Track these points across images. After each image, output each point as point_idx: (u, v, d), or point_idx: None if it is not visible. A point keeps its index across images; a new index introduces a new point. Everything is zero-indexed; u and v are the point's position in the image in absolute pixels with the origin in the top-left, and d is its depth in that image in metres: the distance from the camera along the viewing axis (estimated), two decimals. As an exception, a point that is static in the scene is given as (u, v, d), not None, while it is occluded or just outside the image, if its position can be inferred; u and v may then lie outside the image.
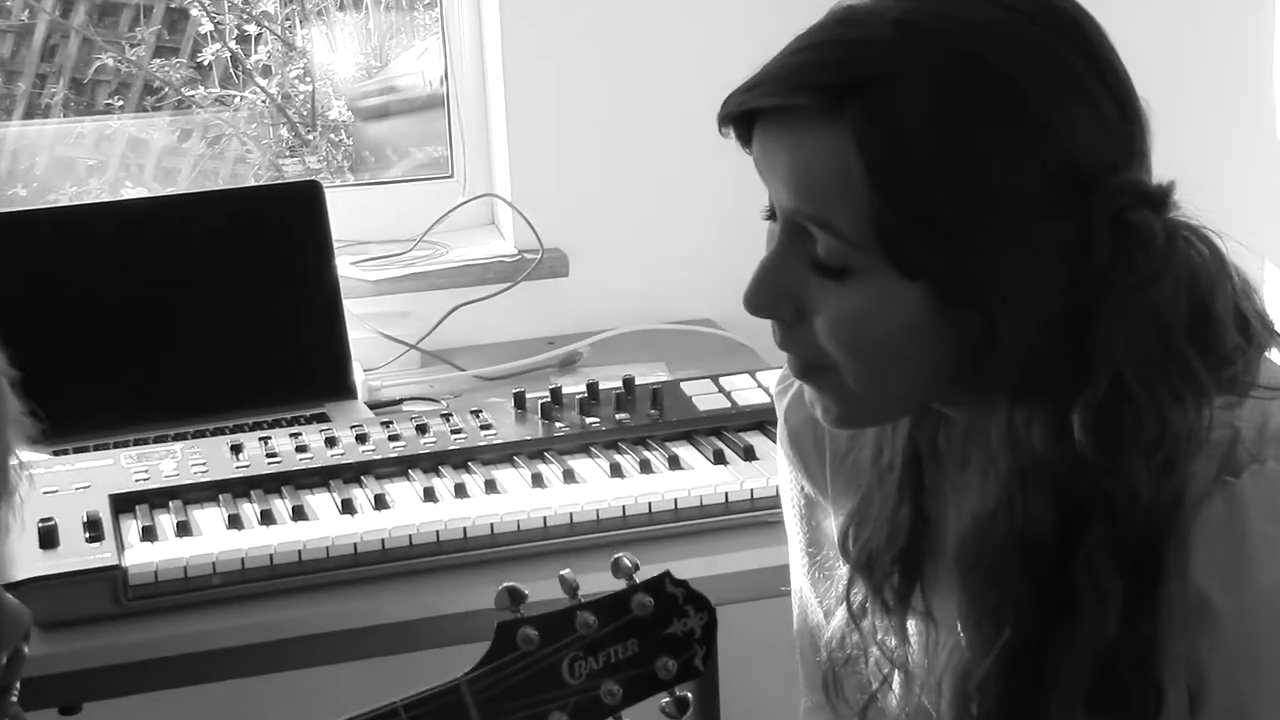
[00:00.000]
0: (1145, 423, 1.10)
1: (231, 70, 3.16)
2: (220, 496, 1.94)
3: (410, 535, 1.85)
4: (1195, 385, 1.11)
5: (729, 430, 2.09)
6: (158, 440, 2.20)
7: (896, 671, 1.32)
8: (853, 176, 1.10)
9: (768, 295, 1.19)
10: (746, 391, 2.17)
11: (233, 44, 3.13)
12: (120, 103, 3.16)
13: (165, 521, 1.89)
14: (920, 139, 1.09)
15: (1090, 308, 1.11)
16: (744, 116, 1.17)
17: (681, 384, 2.20)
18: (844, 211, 1.11)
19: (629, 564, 1.37)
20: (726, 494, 1.93)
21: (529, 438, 2.06)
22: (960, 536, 1.19)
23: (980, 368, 1.14)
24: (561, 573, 1.36)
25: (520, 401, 2.14)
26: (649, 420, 2.10)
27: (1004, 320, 1.11)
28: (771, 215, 1.20)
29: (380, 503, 1.90)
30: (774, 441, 2.03)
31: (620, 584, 1.36)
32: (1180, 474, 1.11)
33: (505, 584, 1.33)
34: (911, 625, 1.31)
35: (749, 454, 2.01)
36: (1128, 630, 1.12)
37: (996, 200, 1.09)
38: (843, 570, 1.34)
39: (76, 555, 1.78)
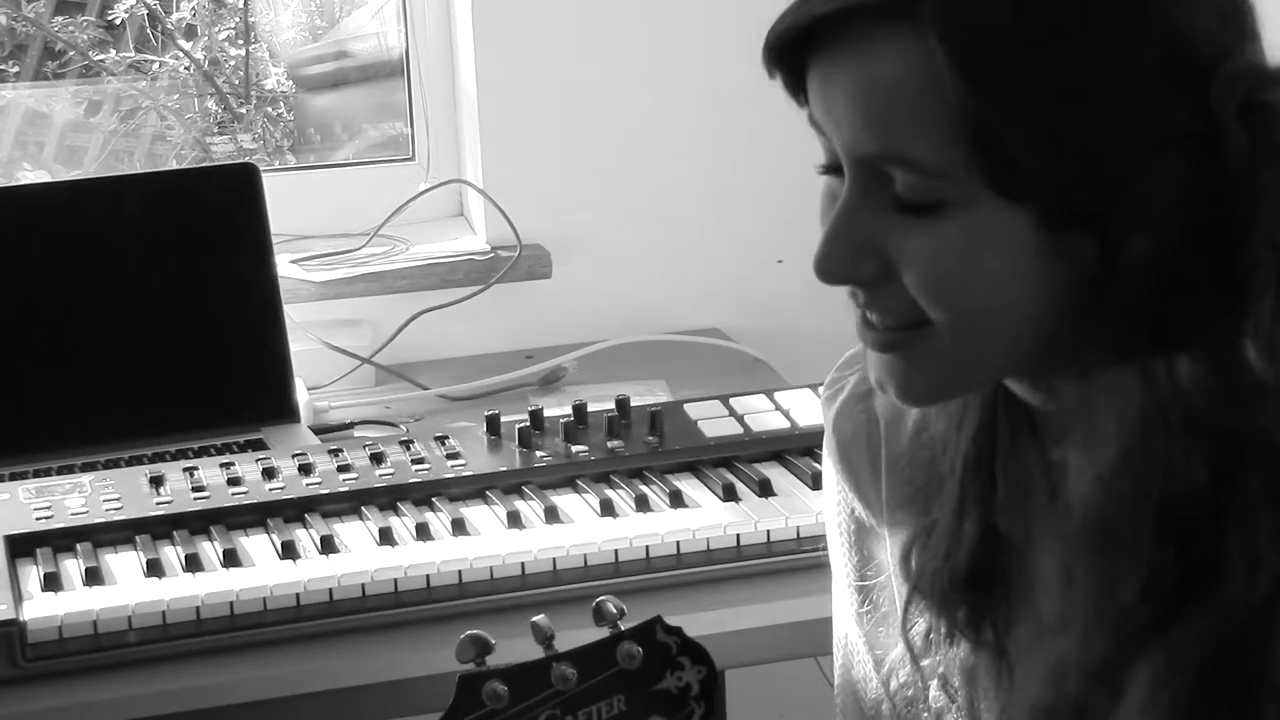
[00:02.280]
0: None
1: (149, 31, 3.18)
2: (137, 538, 1.96)
3: (363, 584, 1.86)
4: None
5: (741, 461, 2.11)
6: (62, 471, 2.22)
7: (960, 717, 1.35)
8: (937, 88, 1.12)
9: (844, 255, 1.19)
10: (762, 415, 2.19)
11: (151, -1, 3.16)
12: (15, 68, 3.18)
13: (71, 567, 1.90)
14: (1003, 27, 1.11)
15: (1233, 212, 1.13)
16: (795, 51, 1.18)
17: (685, 405, 2.22)
18: (927, 137, 1.13)
19: (614, 609, 1.38)
20: (738, 537, 1.95)
21: (504, 469, 2.08)
22: (1083, 504, 1.19)
23: (1100, 307, 1.15)
24: (534, 619, 1.37)
25: (494, 426, 2.16)
26: (646, 449, 2.12)
27: (1128, 237, 1.13)
28: (829, 169, 1.21)
29: (328, 545, 1.92)
30: (794, 475, 2.05)
31: (603, 632, 1.38)
32: None
33: (469, 631, 1.35)
34: (983, 664, 1.32)
35: (765, 489, 2.02)
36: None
37: (1106, 90, 1.12)
38: (899, 596, 1.36)
39: (-34, 607, 1.80)
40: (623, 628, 1.37)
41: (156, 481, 2.06)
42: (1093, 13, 1.12)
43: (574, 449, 2.11)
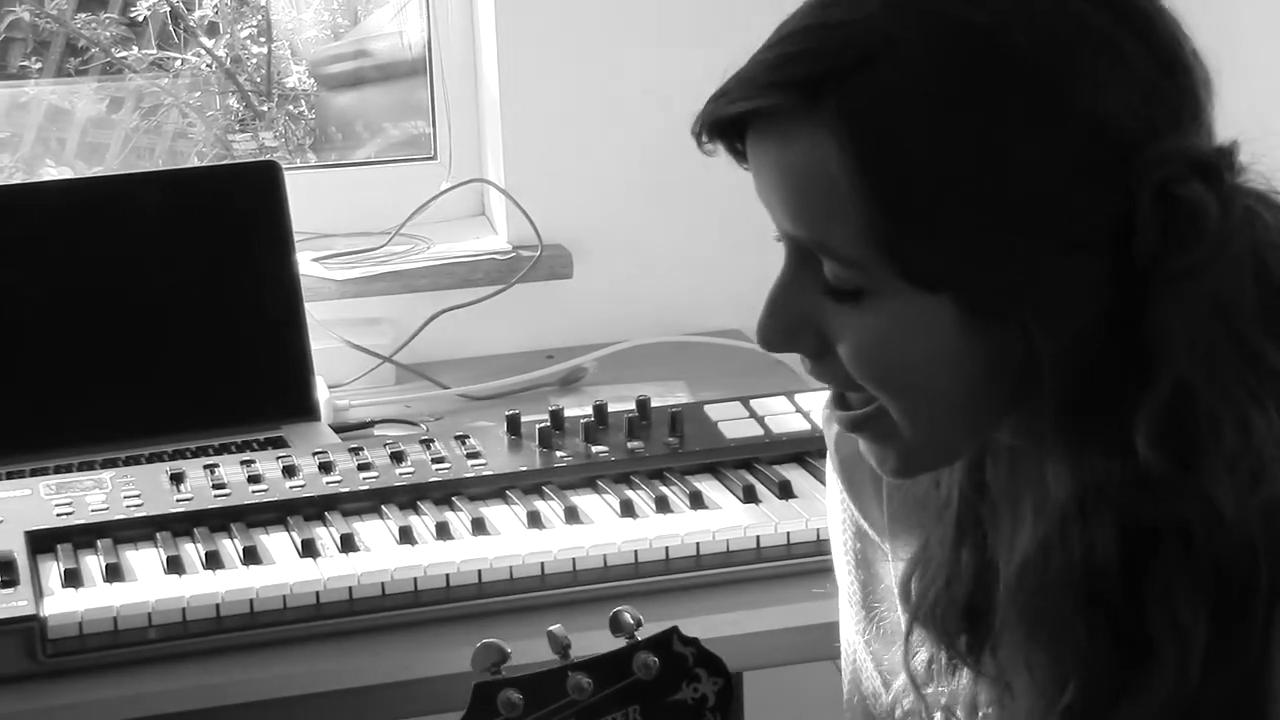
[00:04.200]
0: (1221, 429, 1.12)
1: (171, 28, 3.19)
2: (157, 535, 1.97)
3: (383, 583, 1.87)
4: (1274, 381, 1.13)
5: (762, 463, 2.11)
6: (83, 468, 2.23)
7: None
8: (839, 183, 1.13)
9: (781, 328, 1.21)
10: (783, 417, 2.19)
11: (173, -4, 3.17)
12: (38, 65, 3.19)
13: (92, 564, 1.91)
14: (908, 126, 1.11)
15: (1141, 302, 1.13)
16: (729, 129, 1.20)
17: (705, 407, 2.23)
18: (839, 228, 1.14)
19: (630, 619, 1.39)
20: (758, 538, 1.96)
21: (524, 469, 2.08)
22: (1008, 580, 1.21)
23: (1024, 388, 1.16)
24: (550, 628, 1.38)
25: (514, 426, 2.17)
26: (666, 449, 2.12)
27: (1040, 331, 1.14)
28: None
29: (347, 544, 1.93)
30: (815, 477, 2.06)
31: (620, 642, 1.39)
32: (1271, 485, 1.13)
33: (485, 639, 1.36)
34: (984, 693, 1.33)
35: (785, 491, 2.03)
36: (1216, 675, 1.14)
37: (1011, 189, 1.11)
38: (903, 625, 1.37)
39: (-14, 603, 1.81)
40: (639, 638, 1.38)
41: (177, 479, 2.07)
42: (999, 113, 1.11)
43: (594, 449, 2.12)
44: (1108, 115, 1.12)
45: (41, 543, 1.95)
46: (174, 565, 1.89)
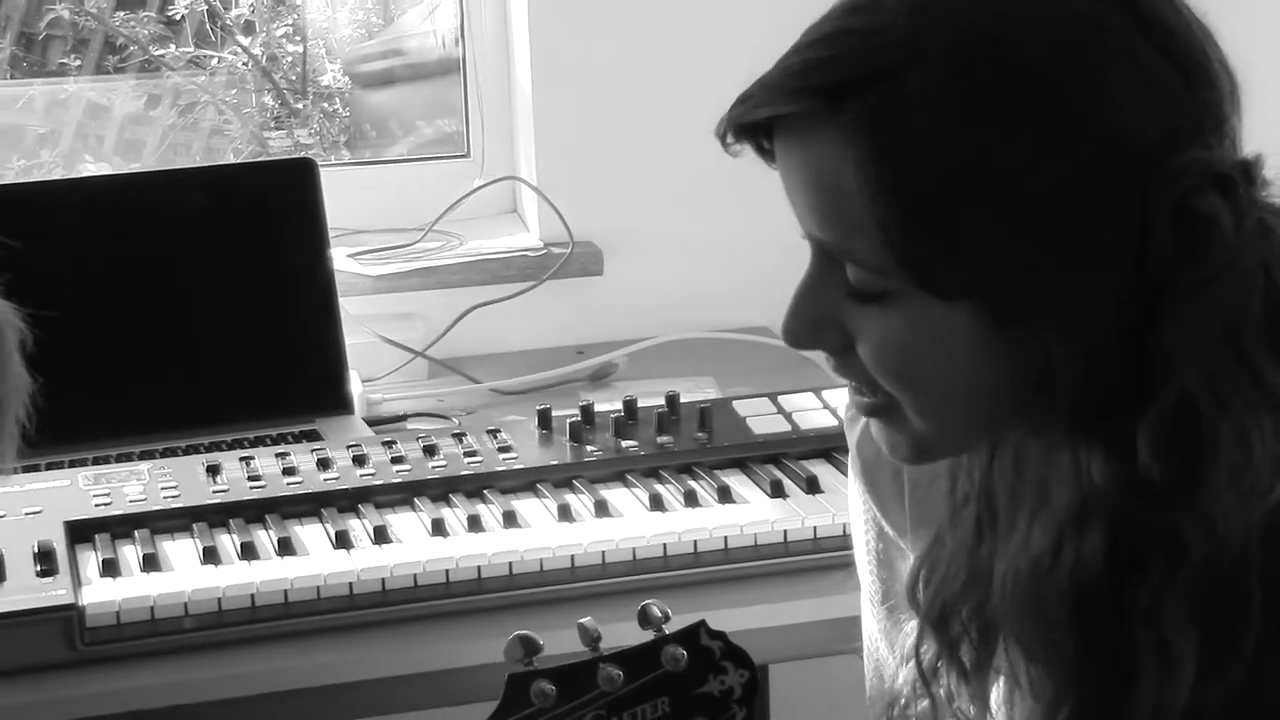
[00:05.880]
0: (1220, 444, 1.12)
1: (208, 26, 3.20)
2: (194, 526, 1.98)
3: (415, 575, 1.88)
4: (1273, 400, 1.12)
5: (789, 458, 2.12)
6: (121, 459, 2.24)
7: None
8: (858, 193, 1.13)
9: (806, 325, 1.22)
10: (810, 413, 2.20)
11: (210, -5, 3.18)
12: (77, 62, 3.20)
13: (129, 554, 1.92)
14: (926, 140, 1.11)
15: (1153, 314, 1.13)
16: (756, 130, 1.19)
17: (734, 403, 2.23)
18: (863, 236, 1.14)
19: (658, 612, 1.40)
20: (785, 533, 1.96)
21: (555, 463, 2.09)
22: (1001, 590, 1.22)
23: (1037, 394, 1.16)
24: (581, 621, 1.39)
25: (545, 420, 2.18)
26: (695, 444, 2.13)
27: (1058, 343, 1.14)
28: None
29: (381, 536, 1.94)
30: (842, 472, 2.06)
31: (648, 635, 1.40)
32: (1268, 502, 1.13)
33: (518, 631, 1.37)
34: (995, 693, 1.33)
35: (812, 486, 2.04)
36: (1209, 691, 1.14)
37: (1029, 204, 1.11)
38: (912, 624, 1.37)
39: (25, 592, 1.82)
40: (668, 631, 1.39)
41: (213, 470, 2.08)
42: (1015, 129, 1.11)
43: (624, 444, 2.12)
44: (1127, 130, 1.12)
45: (80, 533, 1.96)
46: (210, 556, 1.91)
